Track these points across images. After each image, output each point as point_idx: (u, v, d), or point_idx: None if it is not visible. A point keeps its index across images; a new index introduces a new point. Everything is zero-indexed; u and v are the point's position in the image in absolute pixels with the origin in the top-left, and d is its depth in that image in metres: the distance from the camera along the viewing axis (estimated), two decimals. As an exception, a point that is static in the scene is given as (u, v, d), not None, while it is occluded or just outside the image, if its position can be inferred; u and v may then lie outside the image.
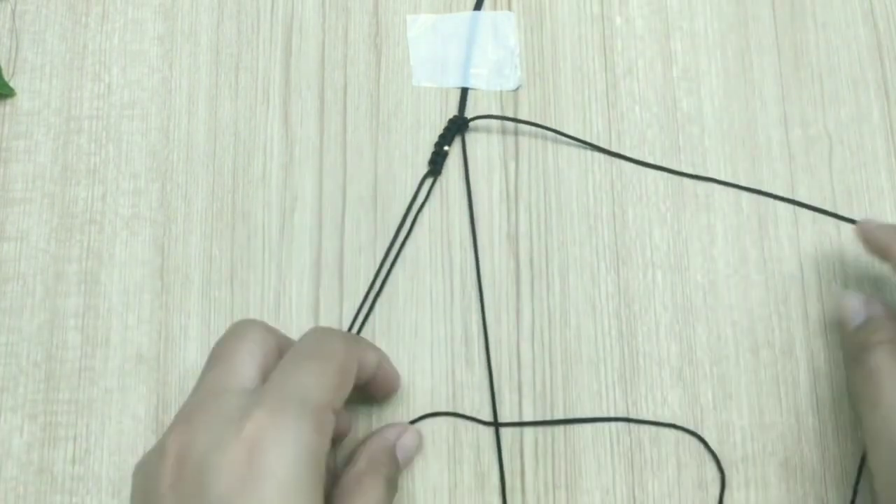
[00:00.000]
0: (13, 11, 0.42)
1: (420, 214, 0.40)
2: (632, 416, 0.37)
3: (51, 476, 0.37)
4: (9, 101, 0.41)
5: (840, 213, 0.40)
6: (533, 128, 0.41)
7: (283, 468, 0.28)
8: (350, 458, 0.35)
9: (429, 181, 0.40)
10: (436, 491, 0.37)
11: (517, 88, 0.41)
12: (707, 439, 0.37)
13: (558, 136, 0.41)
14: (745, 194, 0.40)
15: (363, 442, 0.35)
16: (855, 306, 0.36)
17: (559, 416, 0.37)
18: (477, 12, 0.42)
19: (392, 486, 0.33)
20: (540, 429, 0.37)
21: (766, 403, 0.38)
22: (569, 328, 0.38)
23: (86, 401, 0.37)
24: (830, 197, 0.40)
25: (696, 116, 0.41)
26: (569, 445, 0.37)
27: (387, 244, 0.39)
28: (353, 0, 0.43)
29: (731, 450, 0.37)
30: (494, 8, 0.42)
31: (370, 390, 0.36)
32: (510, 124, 0.41)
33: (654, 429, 0.37)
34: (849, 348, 0.37)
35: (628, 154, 0.41)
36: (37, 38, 0.42)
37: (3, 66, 0.41)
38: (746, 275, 0.39)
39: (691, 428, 0.37)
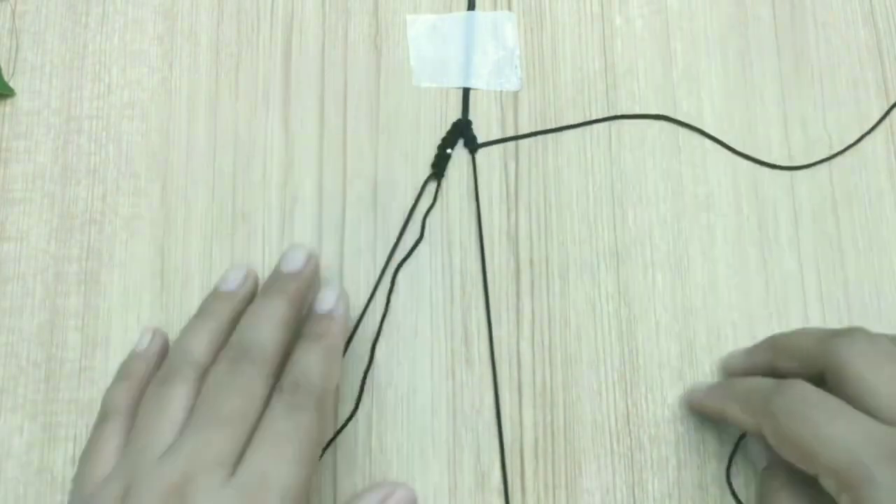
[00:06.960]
0: (13, 11, 0.42)
1: (416, 214, 0.40)
2: (632, 416, 0.37)
3: (51, 476, 0.37)
4: (9, 101, 0.41)
5: (840, 213, 0.40)
6: (533, 128, 0.41)
7: None
8: None
9: (433, 184, 0.40)
10: (436, 491, 0.37)
11: (517, 89, 0.41)
12: (707, 439, 0.37)
13: (558, 137, 0.41)
14: (745, 196, 0.40)
15: None
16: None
17: (559, 416, 0.37)
18: (477, 13, 0.42)
19: None
20: (540, 429, 0.37)
21: (765, 403, 0.37)
22: (569, 328, 0.38)
23: (86, 401, 0.37)
24: (830, 197, 0.40)
25: (696, 116, 0.41)
26: (569, 445, 0.37)
27: (386, 245, 0.39)
28: (353, 0, 0.43)
29: (731, 449, 0.37)
30: (494, 8, 0.42)
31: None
32: (510, 125, 0.41)
33: (654, 429, 0.37)
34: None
35: (628, 156, 0.41)
36: (37, 38, 0.42)
37: (3, 66, 0.41)
38: (746, 275, 0.39)
39: (692, 427, 0.37)
